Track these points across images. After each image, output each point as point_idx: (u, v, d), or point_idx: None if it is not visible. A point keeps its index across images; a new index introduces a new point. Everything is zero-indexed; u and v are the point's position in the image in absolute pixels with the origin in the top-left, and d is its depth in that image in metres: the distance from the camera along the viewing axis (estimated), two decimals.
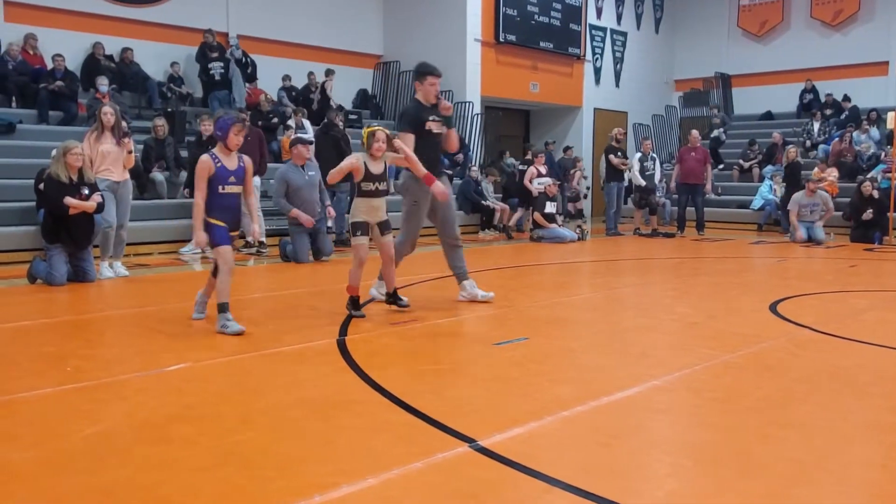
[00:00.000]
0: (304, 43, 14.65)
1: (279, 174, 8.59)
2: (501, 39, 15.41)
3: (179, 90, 12.59)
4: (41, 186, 7.26)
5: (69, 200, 6.58)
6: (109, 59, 12.02)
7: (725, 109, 18.97)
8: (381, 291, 5.76)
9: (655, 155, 13.66)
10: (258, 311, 5.47)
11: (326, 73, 14.00)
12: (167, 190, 10.29)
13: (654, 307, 5.98)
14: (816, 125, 16.26)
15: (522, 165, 13.31)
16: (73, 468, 2.59)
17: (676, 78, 20.05)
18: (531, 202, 12.15)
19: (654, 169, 12.95)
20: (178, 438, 2.86)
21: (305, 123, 12.26)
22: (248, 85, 13.02)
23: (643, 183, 12.81)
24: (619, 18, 18.47)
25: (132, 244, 8.42)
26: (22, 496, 2.38)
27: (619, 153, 12.81)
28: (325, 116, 10.87)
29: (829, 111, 16.67)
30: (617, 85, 18.63)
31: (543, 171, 12.66)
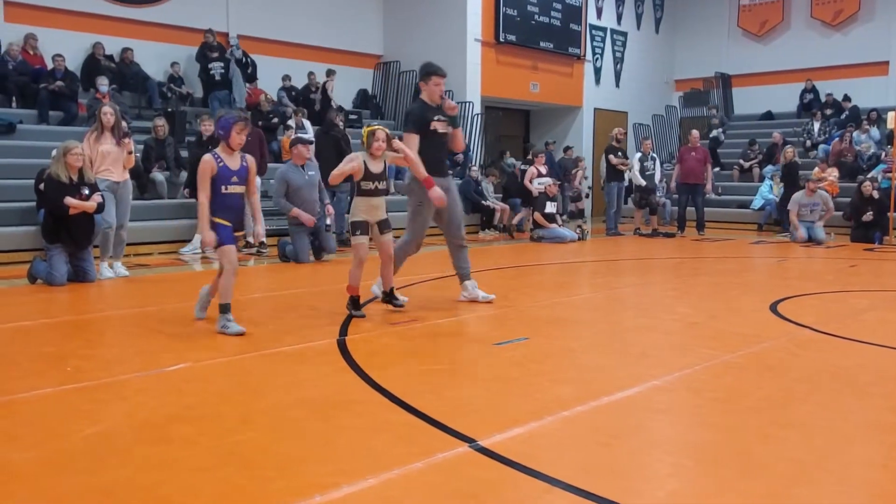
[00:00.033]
0: (304, 43, 14.65)
1: (279, 174, 8.60)
2: (501, 39, 15.41)
3: (179, 90, 12.59)
4: (41, 186, 7.26)
5: (69, 200, 6.58)
6: (109, 59, 12.03)
7: (725, 109, 18.97)
8: (376, 293, 5.76)
9: (655, 155, 13.65)
10: (258, 311, 5.47)
11: (328, 73, 13.99)
12: (167, 190, 10.29)
13: (654, 307, 5.98)
14: (817, 125, 16.25)
15: (525, 165, 13.32)
16: (73, 468, 2.59)
17: (677, 78, 20.05)
18: (531, 202, 12.16)
19: (654, 169, 12.94)
20: (178, 438, 2.86)
21: (305, 123, 12.26)
22: (248, 85, 13.02)
23: (643, 183, 12.80)
24: (619, 18, 18.46)
25: (132, 244, 8.42)
26: (22, 496, 2.38)
27: (619, 153, 12.81)
28: (325, 116, 10.88)
29: (829, 111, 16.66)
30: (617, 85, 18.63)
31: (544, 171, 12.67)
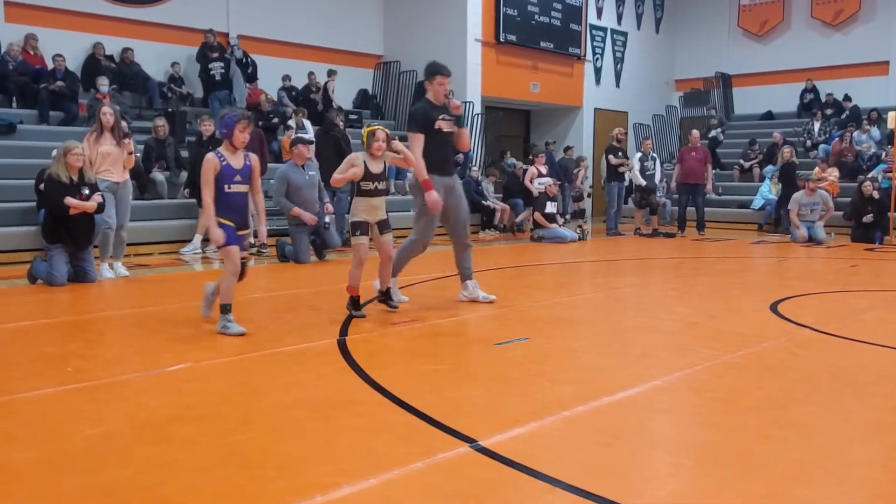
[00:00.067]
0: (304, 43, 14.65)
1: (280, 173, 8.60)
2: (502, 39, 15.41)
3: (180, 90, 12.59)
4: (42, 187, 7.27)
5: (69, 201, 6.57)
6: (110, 59, 12.03)
7: (726, 109, 18.97)
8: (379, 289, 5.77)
9: (656, 155, 13.65)
10: (258, 311, 5.47)
11: (329, 73, 13.99)
12: (167, 190, 10.29)
13: (654, 307, 5.98)
14: (817, 125, 16.25)
15: (527, 165, 13.32)
16: (73, 468, 2.59)
17: (677, 78, 20.04)
18: (532, 202, 12.16)
19: (654, 169, 12.94)
20: (178, 439, 2.86)
21: (306, 123, 12.26)
22: (248, 85, 13.02)
23: (643, 183, 12.80)
24: (619, 18, 18.46)
25: (132, 244, 8.41)
26: (22, 496, 2.38)
27: (619, 153, 12.81)
28: (326, 116, 10.87)
29: (829, 111, 16.65)
30: (617, 85, 18.62)
31: (544, 171, 12.68)
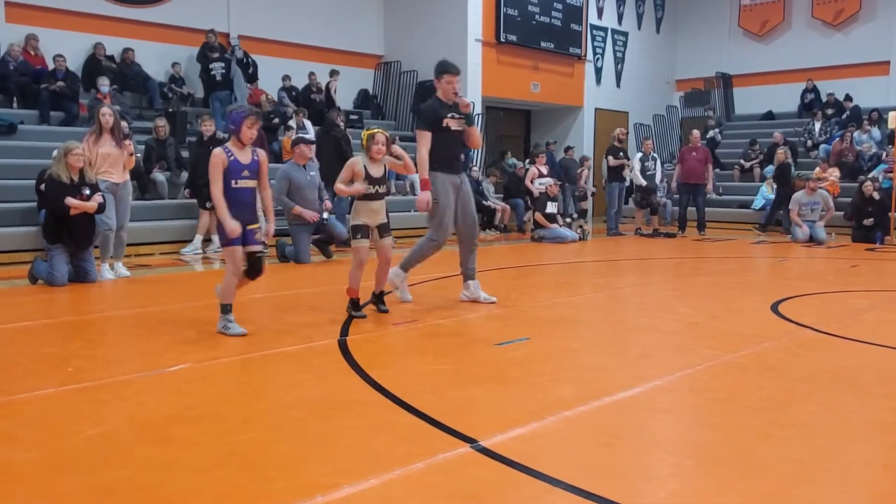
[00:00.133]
0: (305, 43, 14.67)
1: (282, 172, 8.59)
2: (502, 39, 15.41)
3: (180, 90, 12.60)
4: (42, 187, 7.27)
5: (70, 201, 6.57)
6: (110, 59, 12.04)
7: (726, 109, 18.97)
8: (397, 281, 5.79)
9: (656, 155, 13.65)
10: (259, 311, 5.48)
11: (331, 73, 13.99)
12: (168, 190, 10.30)
13: (655, 307, 5.98)
14: (818, 125, 16.24)
15: (530, 165, 13.33)
16: (74, 469, 2.59)
17: (677, 78, 20.05)
18: (533, 202, 12.16)
19: (654, 169, 12.94)
20: (179, 439, 2.86)
21: (306, 123, 12.27)
22: (249, 85, 13.03)
23: (644, 183, 12.80)
24: (620, 18, 18.46)
25: (133, 244, 8.42)
26: (23, 496, 2.38)
27: (621, 153, 12.80)
28: (326, 116, 10.87)
29: (830, 111, 16.65)
30: (618, 85, 18.62)
31: (545, 171, 12.68)
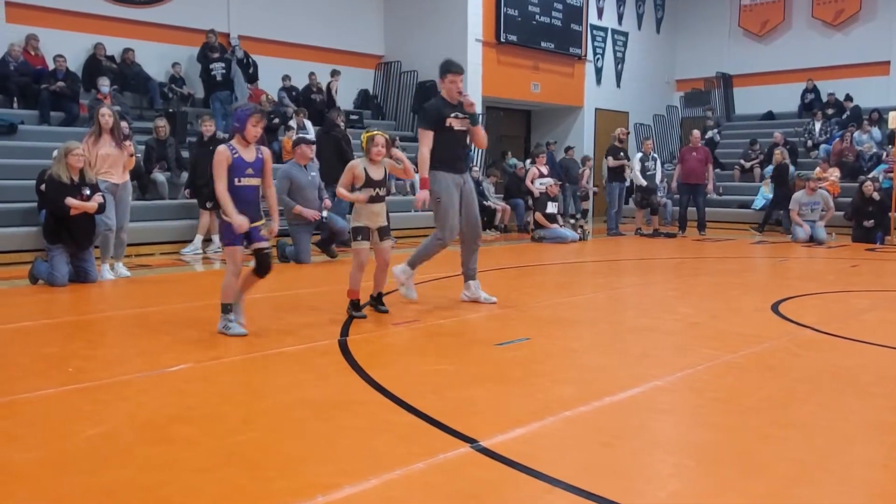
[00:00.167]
0: (305, 43, 14.67)
1: (283, 172, 8.59)
2: (502, 39, 15.41)
3: (181, 91, 12.60)
4: (42, 187, 7.27)
5: (70, 201, 6.57)
6: (111, 59, 12.04)
7: (727, 109, 18.96)
8: (403, 278, 5.79)
9: (657, 155, 13.65)
10: (259, 311, 5.47)
11: (332, 73, 13.99)
12: (168, 191, 10.30)
13: (655, 307, 5.98)
14: (818, 125, 16.24)
15: (530, 165, 13.34)
16: (74, 469, 2.59)
17: (678, 78, 20.04)
18: (533, 202, 12.16)
19: (655, 169, 12.94)
20: (179, 439, 2.87)
21: (307, 124, 12.27)
22: (249, 85, 13.02)
23: (644, 183, 12.80)
24: (620, 18, 18.46)
25: (133, 245, 8.42)
26: (23, 496, 2.38)
27: (621, 153, 12.80)
28: (327, 116, 10.87)
29: (830, 111, 16.64)
30: (618, 85, 18.61)
31: (545, 171, 12.68)
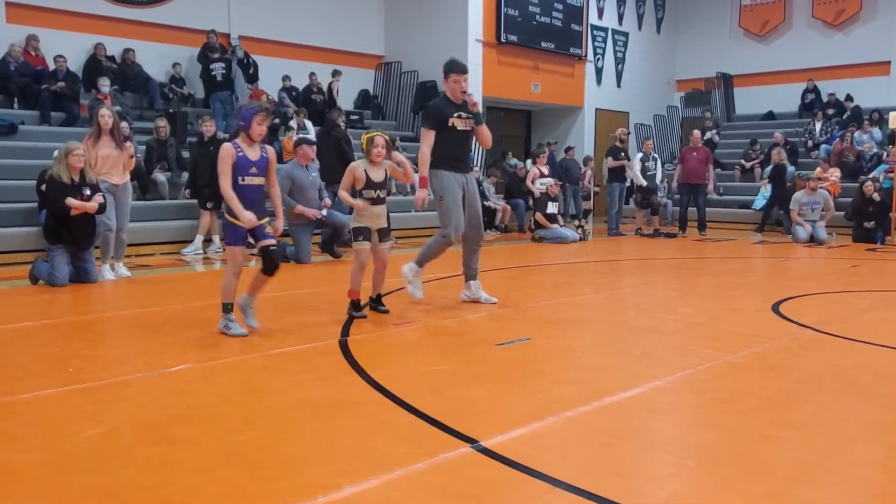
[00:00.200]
0: (305, 43, 14.67)
1: (284, 172, 8.58)
2: (503, 40, 15.41)
3: (181, 91, 12.60)
4: (43, 187, 7.27)
5: (71, 201, 6.57)
6: (111, 59, 12.04)
7: (727, 109, 18.96)
8: (410, 276, 5.78)
9: (657, 155, 13.65)
10: (260, 312, 5.45)
11: (333, 73, 13.99)
12: (169, 191, 10.30)
13: (656, 307, 5.98)
14: (818, 125, 16.23)
15: (531, 165, 13.35)
16: (75, 469, 2.59)
17: (678, 78, 20.03)
18: (533, 203, 12.16)
19: (655, 169, 12.93)
20: (180, 439, 2.87)
21: (307, 124, 12.27)
22: (249, 86, 13.02)
23: (645, 183, 12.80)
24: (620, 18, 18.45)
25: (134, 245, 8.42)
26: (24, 496, 2.39)
27: (622, 153, 12.80)
28: (327, 116, 10.88)
29: (831, 111, 16.63)
30: (618, 85, 18.61)
31: (546, 171, 12.68)
